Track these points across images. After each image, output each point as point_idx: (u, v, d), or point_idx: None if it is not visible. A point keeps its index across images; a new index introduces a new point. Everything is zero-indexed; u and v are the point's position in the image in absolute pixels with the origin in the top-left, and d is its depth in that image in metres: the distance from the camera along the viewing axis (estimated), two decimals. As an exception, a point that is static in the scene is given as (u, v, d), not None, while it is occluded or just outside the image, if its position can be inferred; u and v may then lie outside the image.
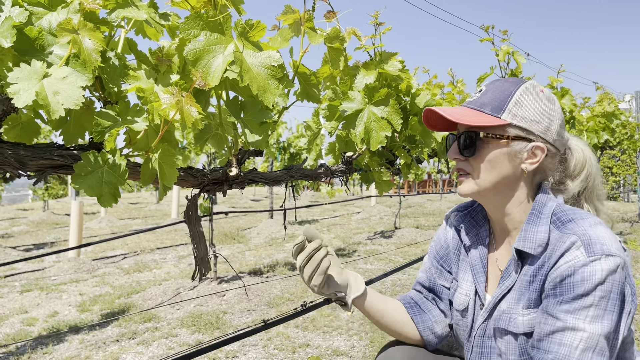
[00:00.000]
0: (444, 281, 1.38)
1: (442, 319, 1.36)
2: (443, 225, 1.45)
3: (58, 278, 5.88)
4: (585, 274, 1.02)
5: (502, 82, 1.20)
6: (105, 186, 1.18)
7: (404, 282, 5.25)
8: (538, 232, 1.13)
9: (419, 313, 1.35)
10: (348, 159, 2.26)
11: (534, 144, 1.15)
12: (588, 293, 1.01)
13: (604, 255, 1.03)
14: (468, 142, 1.17)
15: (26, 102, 1.01)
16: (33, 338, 3.84)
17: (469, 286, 1.29)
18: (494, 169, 1.17)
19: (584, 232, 1.07)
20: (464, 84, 3.81)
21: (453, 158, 1.22)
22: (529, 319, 1.12)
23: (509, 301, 1.17)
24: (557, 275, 1.06)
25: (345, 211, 14.37)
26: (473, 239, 1.32)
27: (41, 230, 10.60)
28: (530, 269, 1.14)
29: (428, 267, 1.42)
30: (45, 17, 1.18)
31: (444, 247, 1.41)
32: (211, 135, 1.58)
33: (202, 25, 1.28)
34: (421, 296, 1.40)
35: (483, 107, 1.17)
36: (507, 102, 1.15)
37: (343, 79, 2.06)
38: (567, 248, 1.06)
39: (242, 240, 8.57)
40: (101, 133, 1.18)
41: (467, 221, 1.34)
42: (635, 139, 8.17)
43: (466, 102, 1.22)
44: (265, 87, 1.34)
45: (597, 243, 1.04)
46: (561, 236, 1.09)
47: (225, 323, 4.08)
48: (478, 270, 1.28)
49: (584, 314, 1.01)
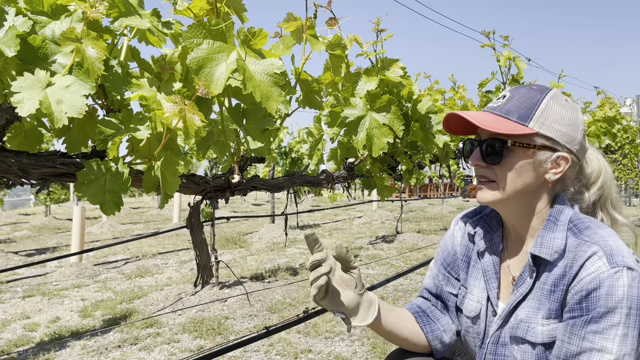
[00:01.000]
0: (451, 288, 1.36)
1: (450, 327, 1.34)
2: (451, 231, 1.43)
3: (60, 283, 5.88)
4: (611, 288, 1.01)
5: (527, 90, 1.18)
6: (108, 194, 1.18)
7: (405, 287, 5.24)
8: (555, 239, 1.13)
9: (427, 322, 1.33)
10: (350, 165, 2.26)
11: (559, 154, 1.15)
12: (614, 309, 1.00)
13: (626, 268, 1.02)
14: (494, 149, 1.15)
15: (30, 111, 1.01)
16: (35, 344, 3.84)
17: (480, 292, 1.28)
18: (519, 177, 1.16)
19: (604, 242, 1.06)
20: (465, 89, 3.81)
21: (474, 164, 1.19)
22: (549, 330, 1.10)
23: (527, 310, 1.16)
24: (581, 288, 1.05)
25: (346, 215, 14.36)
26: (487, 244, 1.30)
27: (43, 235, 10.61)
28: (550, 277, 1.12)
29: (435, 274, 1.40)
30: (48, 26, 1.19)
31: (451, 253, 1.39)
32: (213, 142, 1.58)
33: (205, 34, 1.28)
34: (429, 304, 1.38)
35: (509, 115, 1.15)
36: (535, 111, 1.14)
37: (345, 85, 2.07)
38: (589, 257, 1.06)
39: (243, 245, 8.57)
40: (104, 141, 1.18)
41: (481, 226, 1.33)
42: (637, 143, 8.16)
43: (489, 107, 1.20)
44: (268, 94, 1.34)
45: (619, 255, 1.04)
46: (580, 243, 1.09)
47: (227, 329, 4.07)
48: (491, 276, 1.27)
49: (613, 334, 1.00)
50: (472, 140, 1.22)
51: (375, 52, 2.11)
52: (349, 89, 2.05)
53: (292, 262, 6.91)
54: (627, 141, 7.46)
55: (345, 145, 2.31)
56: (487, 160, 1.17)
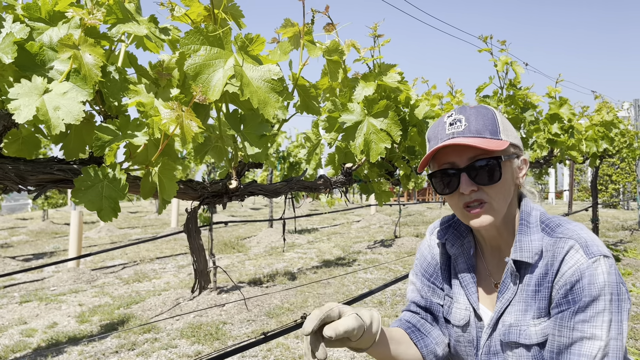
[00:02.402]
0: (437, 299, 1.35)
1: (442, 339, 1.34)
2: (427, 241, 1.42)
3: (57, 288, 5.87)
4: (592, 277, 1.05)
5: (474, 109, 1.19)
6: (105, 200, 1.18)
7: (404, 291, 5.24)
8: (532, 241, 1.15)
9: (421, 337, 1.32)
10: (347, 170, 2.26)
11: (522, 158, 1.22)
12: (598, 297, 1.04)
13: (602, 256, 1.07)
14: (491, 169, 1.14)
15: (27, 118, 1.01)
16: (32, 350, 3.82)
17: (466, 300, 1.28)
18: (507, 191, 1.18)
19: (578, 235, 1.11)
20: (462, 94, 3.82)
21: (468, 191, 1.14)
22: (542, 328, 1.12)
23: (514, 314, 1.16)
24: (565, 282, 1.08)
25: (345, 220, 14.36)
26: (458, 250, 1.31)
27: (40, 240, 10.58)
28: (533, 278, 1.14)
29: (420, 287, 1.39)
30: (46, 32, 1.19)
31: (431, 264, 1.38)
32: (211, 148, 1.58)
33: (202, 40, 1.29)
34: (418, 318, 1.36)
35: (482, 134, 1.14)
36: (497, 125, 1.16)
37: (342, 90, 2.07)
38: (567, 251, 1.10)
39: (241, 250, 8.55)
40: (101, 147, 1.18)
41: (450, 233, 1.33)
42: (634, 147, 8.18)
43: (455, 133, 1.15)
44: (265, 100, 1.34)
45: (594, 245, 1.09)
46: (556, 241, 1.13)
47: (225, 334, 4.06)
48: (468, 281, 1.27)
49: (600, 320, 1.04)
50: (448, 171, 1.18)
51: (372, 58, 2.12)
52: (347, 95, 2.05)
53: (290, 267, 6.90)
54: (624, 145, 7.48)
55: (343, 150, 2.31)
56: (486, 182, 1.14)
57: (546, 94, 4.35)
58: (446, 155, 1.18)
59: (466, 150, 1.15)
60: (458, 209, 1.19)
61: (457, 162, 1.16)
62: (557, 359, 1.09)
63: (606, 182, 21.41)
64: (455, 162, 1.17)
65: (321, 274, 6.40)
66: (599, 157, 5.93)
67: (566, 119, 4.28)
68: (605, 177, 21.35)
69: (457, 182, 1.16)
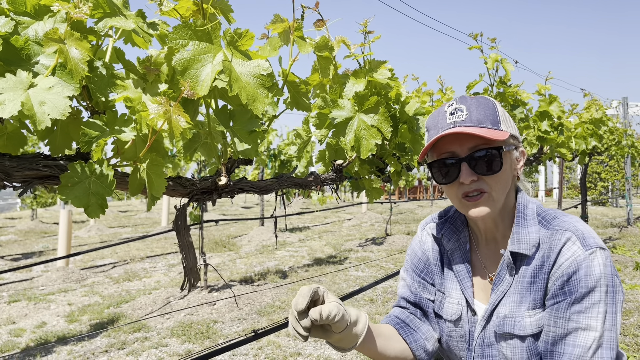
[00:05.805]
0: (428, 294, 1.35)
1: (432, 334, 1.33)
2: (418, 236, 1.42)
3: (46, 288, 5.81)
4: (589, 268, 1.06)
5: (475, 99, 1.19)
6: (92, 197, 1.16)
7: (395, 289, 5.24)
8: (530, 233, 1.16)
9: (410, 333, 1.32)
10: (338, 167, 2.26)
11: (520, 149, 1.23)
12: (594, 288, 1.05)
13: (599, 248, 1.08)
14: (492, 158, 1.14)
15: (11, 113, 1.00)
16: (21, 349, 3.78)
17: (459, 294, 1.28)
18: (506, 181, 1.18)
19: (575, 227, 1.12)
20: (452, 91, 3.83)
21: (468, 181, 1.14)
22: (537, 319, 1.13)
23: (509, 305, 1.17)
24: (562, 273, 1.09)
25: (336, 218, 14.36)
26: (455, 245, 1.31)
27: (29, 239, 10.48)
28: (529, 270, 1.15)
29: (410, 282, 1.39)
30: (31, 26, 1.17)
31: (422, 259, 1.38)
32: (200, 144, 1.57)
33: (191, 35, 1.27)
34: (407, 313, 1.36)
35: (483, 124, 1.14)
36: (498, 115, 1.16)
37: (333, 87, 2.06)
38: (564, 243, 1.10)
39: (232, 248, 8.53)
40: (88, 143, 1.17)
41: (447, 228, 1.34)
42: (623, 145, 8.25)
43: (455, 123, 1.15)
44: (254, 96, 1.33)
45: (590, 237, 1.10)
46: (552, 233, 1.14)
47: (215, 332, 4.05)
48: (464, 276, 1.27)
49: (595, 311, 1.05)
50: (447, 160, 1.18)
51: (363, 54, 2.11)
52: (337, 91, 2.05)
53: (281, 265, 6.89)
54: (613, 143, 7.54)
55: (333, 147, 2.30)
56: (485, 172, 1.14)
57: (536, 92, 4.37)
58: (447, 144, 1.18)
59: (467, 140, 1.15)
60: (457, 199, 1.19)
61: (458, 152, 1.16)
62: (551, 349, 1.09)
63: (595, 179, 21.60)
64: (456, 151, 1.17)
65: (312, 272, 6.40)
66: (588, 155, 5.97)
67: (556, 116, 4.30)
68: (594, 175, 21.54)
69: (457, 172, 1.16)
